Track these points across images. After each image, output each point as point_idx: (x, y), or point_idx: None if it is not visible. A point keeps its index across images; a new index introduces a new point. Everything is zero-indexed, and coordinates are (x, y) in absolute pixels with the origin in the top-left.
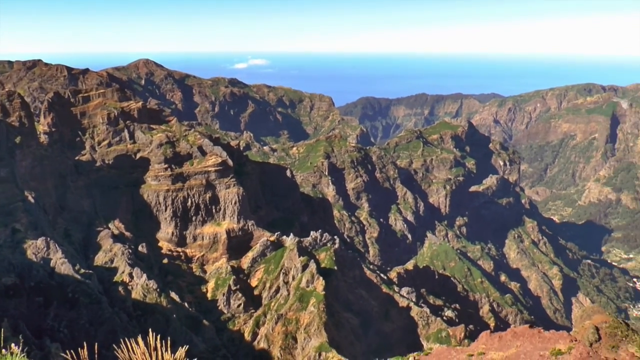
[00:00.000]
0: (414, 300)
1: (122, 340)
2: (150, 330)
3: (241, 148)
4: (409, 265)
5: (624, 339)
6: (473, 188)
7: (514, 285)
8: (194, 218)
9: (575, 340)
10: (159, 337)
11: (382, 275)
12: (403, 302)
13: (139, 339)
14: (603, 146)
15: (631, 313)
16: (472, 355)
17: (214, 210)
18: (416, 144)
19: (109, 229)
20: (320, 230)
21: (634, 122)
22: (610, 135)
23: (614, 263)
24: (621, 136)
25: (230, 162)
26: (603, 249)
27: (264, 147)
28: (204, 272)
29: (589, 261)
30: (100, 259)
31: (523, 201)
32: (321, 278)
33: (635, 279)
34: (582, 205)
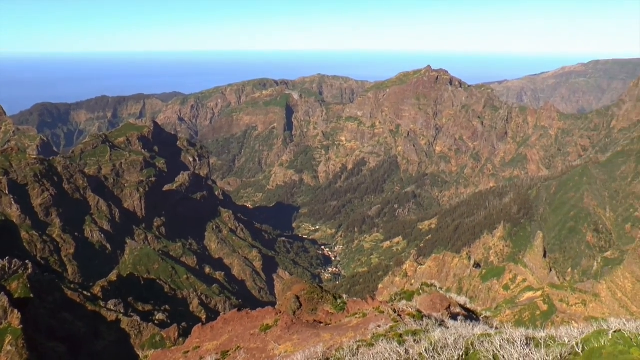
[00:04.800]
0: (122, 311)
1: None
2: None
3: None
4: (112, 276)
5: (320, 300)
6: (167, 187)
7: (219, 275)
8: None
9: (280, 312)
10: None
11: (85, 292)
12: (111, 316)
13: None
14: (282, 134)
15: (323, 276)
16: (187, 351)
17: None
18: (103, 149)
19: None
20: (7, 257)
21: (305, 111)
22: (287, 124)
23: (304, 236)
24: (296, 124)
25: None
26: (294, 225)
27: None
28: None
29: (284, 238)
30: None
31: (216, 193)
32: (16, 310)
33: (323, 247)
34: (271, 189)
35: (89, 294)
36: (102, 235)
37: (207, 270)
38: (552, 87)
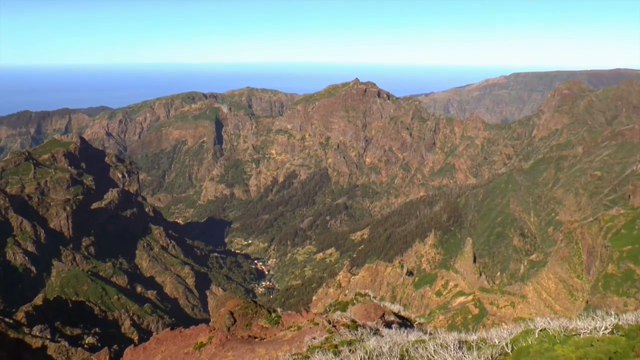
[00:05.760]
0: (49, 336)
1: None
2: None
3: None
4: (38, 300)
5: (254, 315)
6: (95, 205)
7: (150, 294)
8: None
9: (214, 329)
10: None
11: (6, 319)
12: (36, 343)
13: None
14: (212, 148)
15: (257, 291)
16: None
17: None
18: (26, 167)
19: None
20: None
21: (235, 124)
22: (217, 137)
23: (237, 251)
24: (226, 137)
25: None
26: (226, 240)
27: None
28: None
29: (216, 254)
30: None
31: (147, 210)
32: None
33: (256, 261)
34: (202, 204)
35: (11, 321)
36: (26, 258)
37: (139, 289)
38: (476, 98)
